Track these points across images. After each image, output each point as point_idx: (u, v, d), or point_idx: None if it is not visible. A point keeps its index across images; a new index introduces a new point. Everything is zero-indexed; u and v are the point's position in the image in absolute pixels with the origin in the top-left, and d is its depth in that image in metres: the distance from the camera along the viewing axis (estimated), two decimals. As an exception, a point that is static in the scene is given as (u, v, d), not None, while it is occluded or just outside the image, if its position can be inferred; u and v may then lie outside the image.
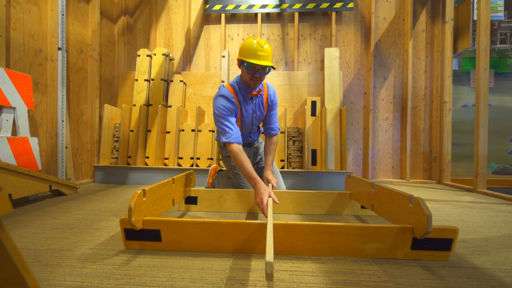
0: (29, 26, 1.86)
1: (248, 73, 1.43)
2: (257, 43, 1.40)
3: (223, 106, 1.46)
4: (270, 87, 1.67)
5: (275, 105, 1.68)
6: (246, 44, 1.42)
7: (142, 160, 2.47)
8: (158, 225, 0.91)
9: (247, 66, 1.41)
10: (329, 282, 0.74)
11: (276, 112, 1.71)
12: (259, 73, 1.42)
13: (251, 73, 1.42)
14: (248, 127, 1.64)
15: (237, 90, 1.55)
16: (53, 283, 0.72)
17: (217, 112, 1.46)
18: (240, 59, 1.44)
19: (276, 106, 1.69)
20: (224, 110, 1.45)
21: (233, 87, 1.55)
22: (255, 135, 1.73)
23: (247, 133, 1.68)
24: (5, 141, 1.57)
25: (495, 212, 1.54)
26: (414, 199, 0.88)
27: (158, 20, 2.99)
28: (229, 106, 1.46)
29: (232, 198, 1.49)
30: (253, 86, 1.50)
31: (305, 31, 2.89)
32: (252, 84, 1.48)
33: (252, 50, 1.39)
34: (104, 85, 2.67)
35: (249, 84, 1.49)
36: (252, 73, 1.42)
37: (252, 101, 1.59)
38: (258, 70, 1.41)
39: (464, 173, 2.91)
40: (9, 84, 1.63)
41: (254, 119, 1.62)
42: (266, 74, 1.44)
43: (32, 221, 1.26)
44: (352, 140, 2.87)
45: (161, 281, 0.73)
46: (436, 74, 2.79)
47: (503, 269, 0.84)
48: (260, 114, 1.64)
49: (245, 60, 1.40)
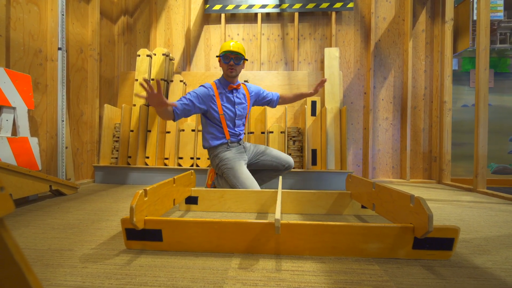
0: (29, 26, 1.86)
1: (225, 63, 1.73)
2: (229, 41, 1.74)
3: (197, 90, 1.70)
4: (248, 84, 1.95)
5: (258, 90, 1.96)
6: (222, 44, 1.75)
7: (142, 160, 2.46)
8: (160, 225, 0.91)
9: (222, 56, 1.71)
10: (330, 282, 0.74)
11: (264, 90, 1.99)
12: (233, 61, 1.71)
13: (226, 62, 1.72)
14: (230, 116, 1.79)
15: (219, 85, 1.80)
16: (54, 283, 0.72)
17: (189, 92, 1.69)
18: (218, 56, 1.75)
19: (259, 89, 1.97)
20: (196, 93, 1.68)
21: (216, 83, 1.81)
22: (240, 129, 1.86)
23: (232, 125, 1.80)
24: (5, 141, 1.57)
25: (495, 212, 1.54)
26: (415, 199, 0.88)
27: (158, 20, 2.99)
28: (203, 93, 1.70)
29: (232, 198, 1.49)
30: (230, 74, 1.74)
31: (305, 31, 2.89)
32: (229, 72, 1.74)
33: (226, 45, 1.72)
34: (104, 85, 2.67)
35: (227, 73, 1.75)
36: (227, 62, 1.72)
37: (233, 93, 1.82)
38: (232, 58, 1.71)
39: (464, 173, 2.92)
40: (9, 84, 1.62)
41: (237, 110, 1.81)
42: (239, 63, 1.74)
43: (32, 221, 1.26)
44: (352, 140, 2.87)
45: (162, 281, 0.73)
46: (436, 74, 2.80)
47: (504, 268, 0.84)
48: (243, 104, 1.85)
49: (221, 53, 1.71)
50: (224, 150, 1.76)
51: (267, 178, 1.94)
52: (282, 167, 1.86)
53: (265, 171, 1.92)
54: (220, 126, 1.77)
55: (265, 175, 1.93)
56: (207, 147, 1.82)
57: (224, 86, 1.79)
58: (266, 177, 1.93)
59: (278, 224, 0.80)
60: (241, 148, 1.82)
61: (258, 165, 1.88)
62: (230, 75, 1.75)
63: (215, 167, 1.82)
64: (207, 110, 1.74)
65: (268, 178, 1.94)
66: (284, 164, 1.85)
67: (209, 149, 1.82)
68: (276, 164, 1.85)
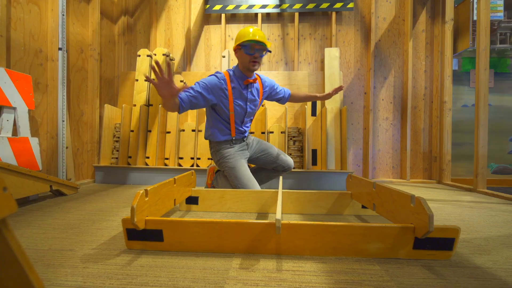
0: (29, 26, 1.86)
1: (248, 54, 1.49)
2: (251, 27, 1.50)
3: (208, 81, 1.50)
4: (262, 76, 1.76)
5: (272, 85, 1.80)
6: (241, 31, 1.51)
7: (143, 160, 2.46)
8: (161, 225, 0.91)
9: (246, 46, 1.47)
10: (331, 282, 0.74)
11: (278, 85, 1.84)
12: (258, 53, 1.48)
13: (250, 54, 1.48)
14: (240, 114, 1.66)
15: (233, 77, 1.58)
16: (55, 283, 0.72)
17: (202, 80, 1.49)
18: (238, 45, 1.50)
19: (273, 84, 1.81)
20: (206, 83, 1.49)
21: (229, 73, 1.59)
22: (246, 126, 1.76)
23: (240, 123, 1.69)
24: (6, 141, 1.57)
25: (496, 212, 1.55)
26: (416, 199, 0.88)
27: (158, 20, 2.99)
28: (214, 85, 1.50)
29: (233, 198, 1.49)
30: (252, 67, 1.52)
31: (305, 31, 2.89)
32: (251, 65, 1.51)
33: (248, 33, 1.48)
34: (104, 85, 2.67)
35: (248, 66, 1.52)
36: (251, 53, 1.48)
37: (248, 89, 1.62)
38: (257, 50, 1.48)
39: (464, 172, 2.92)
40: (10, 84, 1.63)
41: (248, 107, 1.66)
42: (263, 55, 1.53)
43: (33, 221, 1.26)
44: (352, 140, 2.87)
45: (163, 281, 0.73)
46: (436, 74, 2.80)
47: (504, 268, 0.84)
48: (255, 102, 1.69)
49: (243, 42, 1.47)
50: (227, 147, 1.68)
51: (265, 179, 1.90)
52: (281, 168, 1.82)
53: (264, 171, 1.90)
54: (228, 123, 1.66)
55: (264, 175, 1.90)
56: (210, 140, 1.72)
57: (239, 79, 1.58)
58: (264, 178, 1.90)
59: (278, 224, 0.81)
60: (244, 145, 1.74)
61: (258, 161, 1.84)
62: (252, 69, 1.53)
63: (216, 162, 1.77)
64: (216, 103, 1.58)
65: (267, 178, 1.90)
66: (284, 166, 1.81)
67: (210, 142, 1.75)
68: (276, 166, 1.81)
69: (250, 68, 1.53)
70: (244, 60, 1.52)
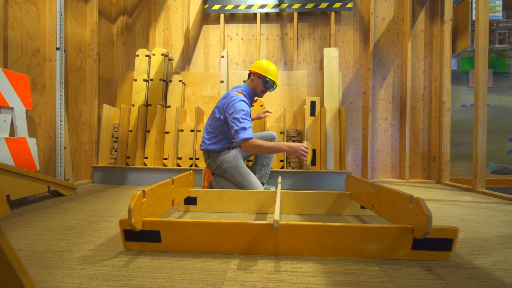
0: (27, 26, 1.85)
1: (264, 87, 1.83)
2: (274, 67, 1.84)
3: (246, 107, 1.70)
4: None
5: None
6: (267, 65, 1.81)
7: (141, 160, 2.46)
8: (158, 226, 0.91)
9: (268, 81, 1.80)
10: (330, 283, 0.74)
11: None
12: (271, 89, 1.85)
13: (267, 87, 1.83)
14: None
15: (247, 98, 1.83)
16: (52, 285, 0.71)
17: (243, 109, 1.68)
18: (262, 74, 1.80)
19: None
20: (247, 109, 1.71)
21: (245, 95, 1.82)
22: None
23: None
24: (3, 141, 1.56)
25: (494, 212, 1.55)
26: (414, 199, 0.88)
27: (157, 20, 2.98)
28: (248, 110, 1.74)
29: (232, 198, 1.48)
30: (261, 96, 1.90)
31: (304, 31, 2.89)
32: (261, 95, 1.89)
33: (274, 72, 1.82)
34: (103, 85, 2.66)
35: (259, 94, 1.88)
36: (267, 88, 1.84)
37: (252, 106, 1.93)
38: (271, 87, 1.84)
39: (463, 172, 2.92)
40: (7, 84, 1.62)
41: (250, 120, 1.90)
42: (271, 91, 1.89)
43: (30, 222, 1.25)
44: (351, 140, 2.87)
45: (161, 283, 0.73)
46: (435, 74, 2.80)
47: (503, 269, 0.84)
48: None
49: (268, 77, 1.79)
50: (226, 153, 1.82)
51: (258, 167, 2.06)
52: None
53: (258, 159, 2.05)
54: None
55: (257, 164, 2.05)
56: (209, 150, 1.81)
57: (249, 100, 1.86)
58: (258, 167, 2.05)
59: (277, 225, 0.81)
60: (237, 149, 1.91)
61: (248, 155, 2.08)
62: (260, 97, 1.91)
63: (214, 169, 1.83)
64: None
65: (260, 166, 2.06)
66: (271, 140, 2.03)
67: (209, 152, 1.83)
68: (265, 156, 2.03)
69: (260, 95, 1.90)
70: (259, 88, 1.85)
